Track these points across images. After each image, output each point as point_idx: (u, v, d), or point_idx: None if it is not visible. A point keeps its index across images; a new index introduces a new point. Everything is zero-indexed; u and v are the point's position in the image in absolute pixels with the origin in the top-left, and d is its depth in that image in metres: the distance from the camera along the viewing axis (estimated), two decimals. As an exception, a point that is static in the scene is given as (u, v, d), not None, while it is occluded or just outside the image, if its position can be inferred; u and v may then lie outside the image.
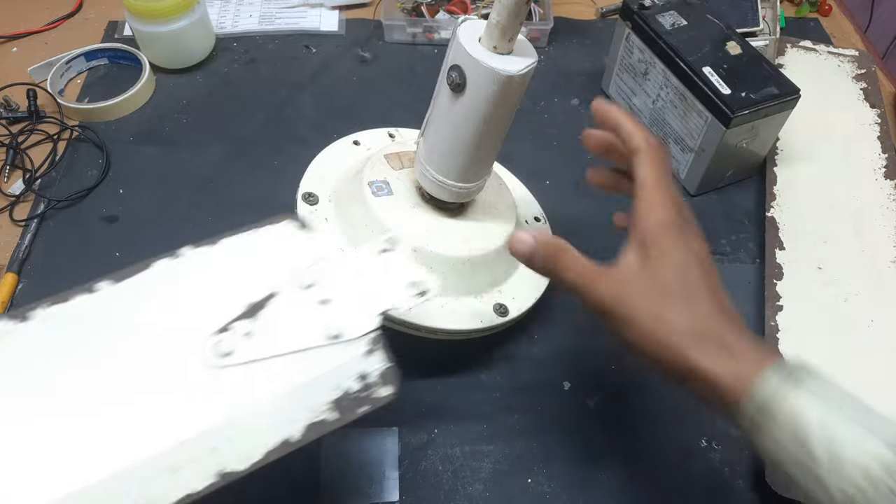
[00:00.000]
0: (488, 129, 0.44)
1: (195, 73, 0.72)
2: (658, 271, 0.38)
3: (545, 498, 0.47)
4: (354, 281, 0.40)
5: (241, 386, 0.35)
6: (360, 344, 0.38)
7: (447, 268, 0.48)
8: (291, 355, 0.36)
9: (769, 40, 0.73)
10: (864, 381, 0.49)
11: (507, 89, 0.41)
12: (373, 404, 0.36)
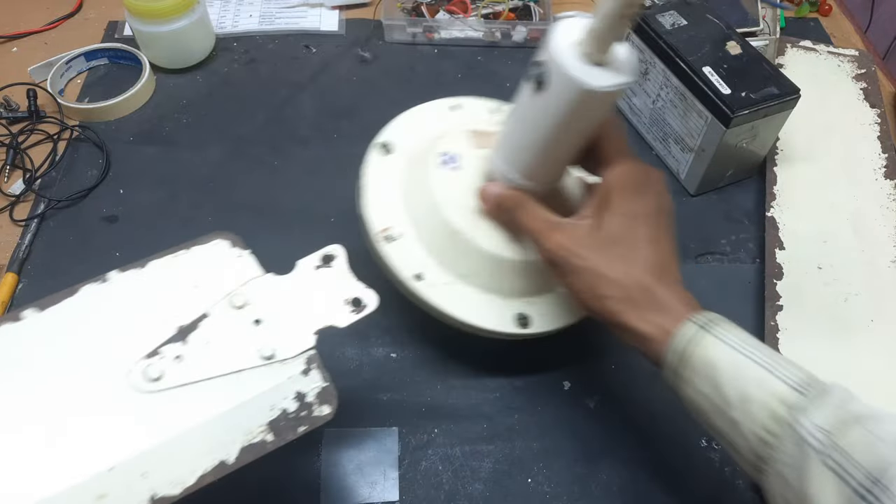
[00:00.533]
0: (560, 134, 0.41)
1: (195, 73, 0.72)
2: (605, 227, 0.40)
3: (545, 498, 0.47)
4: (288, 299, 0.39)
5: (173, 410, 0.35)
6: (295, 363, 0.37)
7: (482, 261, 0.47)
8: (224, 377, 0.36)
9: (769, 40, 0.73)
10: (864, 381, 0.49)
11: (585, 102, 0.38)
12: (311, 424, 0.36)
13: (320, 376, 0.37)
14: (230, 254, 0.40)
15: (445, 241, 0.47)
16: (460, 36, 0.76)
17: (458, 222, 0.46)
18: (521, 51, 0.77)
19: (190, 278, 0.38)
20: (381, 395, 0.50)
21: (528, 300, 0.48)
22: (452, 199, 0.47)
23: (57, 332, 0.36)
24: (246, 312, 0.38)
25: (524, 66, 0.75)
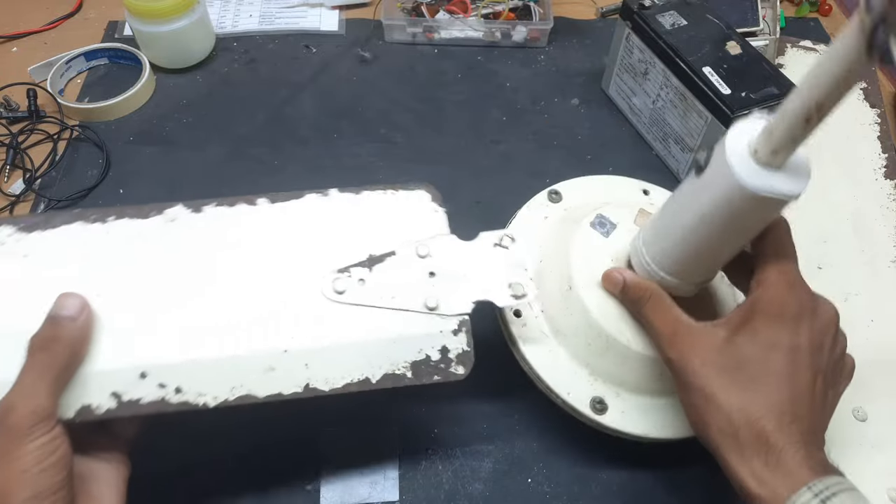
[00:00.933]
0: (706, 230, 0.37)
1: (195, 73, 0.72)
2: (737, 346, 0.35)
3: (545, 498, 0.47)
4: (463, 264, 0.42)
5: (345, 322, 0.40)
6: (450, 321, 0.41)
7: (585, 327, 0.44)
8: (391, 311, 0.40)
9: (769, 40, 0.73)
10: (864, 381, 0.49)
11: (741, 202, 0.34)
12: (445, 377, 0.40)
13: (466, 340, 0.41)
14: (428, 207, 0.45)
15: (558, 292, 0.46)
16: (460, 36, 0.76)
17: (578, 280, 0.45)
18: (521, 51, 0.77)
19: (389, 216, 0.43)
20: (380, 395, 0.50)
21: (617, 389, 0.45)
22: (584, 257, 0.46)
23: (280, 222, 0.43)
24: (426, 263, 0.42)
25: (524, 66, 0.76)
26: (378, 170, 0.64)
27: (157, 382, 0.37)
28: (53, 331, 0.35)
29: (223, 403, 0.37)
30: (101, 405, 0.36)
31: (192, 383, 0.37)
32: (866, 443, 0.47)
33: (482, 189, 0.63)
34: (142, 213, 0.41)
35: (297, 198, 0.44)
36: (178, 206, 0.42)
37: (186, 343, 0.38)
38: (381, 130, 0.68)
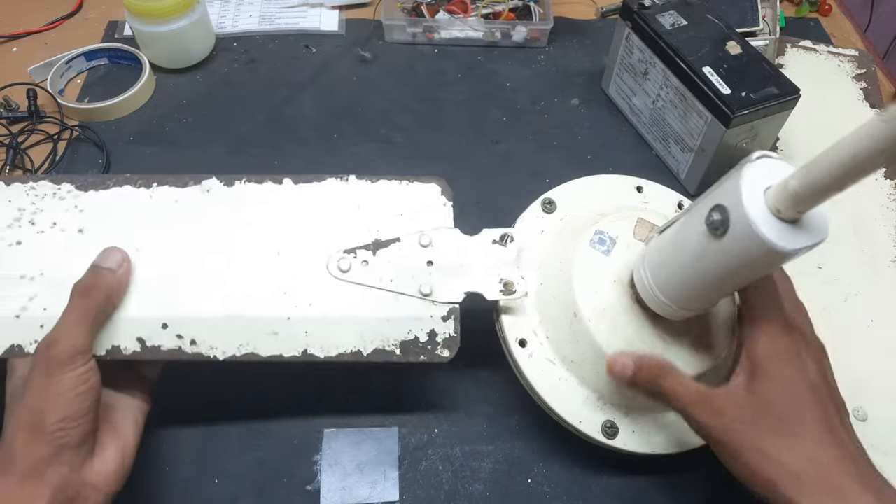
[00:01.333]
0: (727, 278, 0.37)
1: (195, 73, 0.72)
2: (764, 400, 0.35)
3: (545, 498, 0.47)
4: (461, 256, 0.45)
5: (345, 298, 0.43)
6: (441, 308, 0.44)
7: (592, 356, 0.44)
8: (388, 293, 0.44)
9: (769, 40, 0.73)
10: (864, 382, 0.49)
11: (768, 259, 0.33)
12: (430, 358, 0.43)
13: (453, 327, 0.44)
14: (437, 200, 0.47)
15: (563, 318, 0.45)
16: (460, 36, 0.76)
17: (584, 309, 0.44)
18: (521, 51, 0.77)
19: (400, 205, 0.46)
20: (381, 395, 0.50)
21: (626, 409, 0.45)
22: (587, 282, 0.45)
23: (300, 202, 0.46)
24: (426, 252, 0.45)
25: (524, 66, 0.76)
26: (378, 170, 0.64)
27: (176, 333, 0.41)
28: (94, 279, 0.39)
29: (231, 358, 0.42)
30: (127, 347, 0.41)
31: (205, 337, 0.42)
32: (866, 443, 0.47)
33: (482, 189, 0.63)
34: (181, 182, 0.46)
35: (318, 180, 0.47)
36: (213, 178, 0.46)
37: (204, 301, 0.42)
38: (381, 130, 0.68)
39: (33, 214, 0.44)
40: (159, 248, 0.43)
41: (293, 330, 0.42)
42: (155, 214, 0.45)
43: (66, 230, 0.44)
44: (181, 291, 0.42)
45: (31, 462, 0.34)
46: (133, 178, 0.46)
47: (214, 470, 0.46)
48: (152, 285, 0.42)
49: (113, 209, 0.45)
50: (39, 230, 0.44)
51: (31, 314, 0.41)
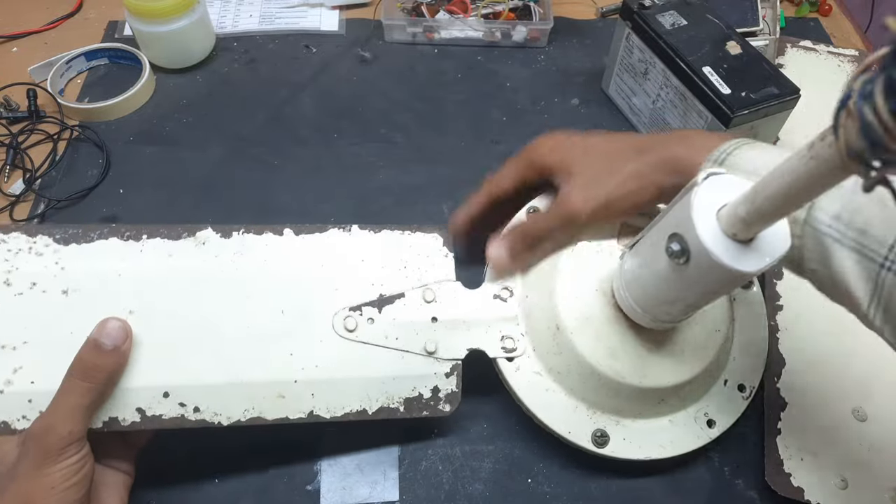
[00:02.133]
0: (700, 297, 0.38)
1: (195, 73, 0.72)
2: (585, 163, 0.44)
3: (545, 498, 0.47)
4: (463, 312, 0.45)
5: (351, 358, 0.43)
6: (445, 365, 0.44)
7: (577, 366, 0.44)
8: (395, 351, 0.43)
9: (769, 40, 0.73)
10: (864, 381, 0.49)
11: (734, 279, 0.34)
12: (432, 413, 0.44)
13: (455, 382, 0.44)
14: (439, 251, 0.47)
15: (547, 330, 0.45)
16: (460, 36, 0.76)
17: (566, 321, 0.44)
18: (521, 51, 0.77)
19: (403, 257, 0.46)
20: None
21: (617, 418, 0.45)
22: (569, 294, 0.45)
23: (301, 255, 0.44)
24: (430, 308, 0.45)
25: (524, 66, 0.76)
26: (378, 170, 0.64)
27: (178, 401, 0.40)
28: (96, 359, 0.37)
29: (236, 423, 0.40)
30: (126, 418, 0.39)
31: (209, 404, 0.40)
32: (866, 443, 0.47)
33: (482, 189, 0.63)
34: (174, 234, 0.43)
35: (320, 231, 0.45)
36: (208, 229, 0.43)
37: (207, 367, 0.40)
38: (381, 130, 0.68)
39: (8, 274, 0.39)
40: (155, 310, 0.40)
41: (299, 392, 0.42)
42: (147, 271, 0.41)
43: (47, 291, 0.39)
44: (182, 357, 0.40)
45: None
46: (120, 230, 0.42)
47: (214, 469, 0.46)
48: (151, 351, 0.39)
49: (100, 265, 0.41)
50: (17, 292, 0.39)
51: (16, 388, 0.37)
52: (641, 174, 0.42)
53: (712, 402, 0.47)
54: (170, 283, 0.41)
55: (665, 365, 0.44)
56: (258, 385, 0.41)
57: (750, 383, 0.48)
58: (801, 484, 0.45)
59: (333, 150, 0.66)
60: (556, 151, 0.45)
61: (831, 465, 0.46)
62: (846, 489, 0.45)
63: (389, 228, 0.46)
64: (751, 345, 0.49)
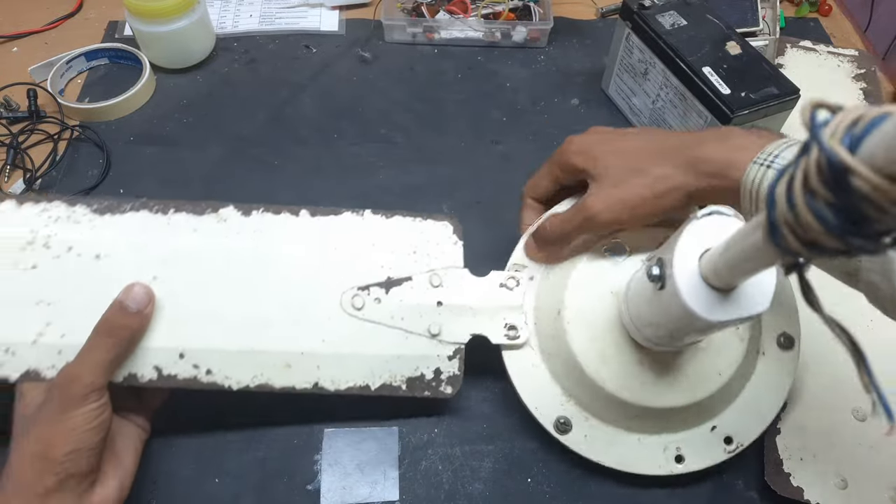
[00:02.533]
0: (675, 327, 0.36)
1: (195, 73, 0.72)
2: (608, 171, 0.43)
3: (545, 498, 0.47)
4: (469, 298, 0.46)
5: (357, 334, 0.44)
6: (448, 347, 0.45)
7: (564, 355, 0.45)
8: (399, 331, 0.45)
9: (769, 40, 0.73)
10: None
11: (696, 323, 0.32)
12: (434, 394, 0.45)
13: (458, 366, 0.46)
14: (449, 238, 0.48)
15: (549, 313, 0.45)
16: (460, 36, 0.76)
17: (567, 310, 0.44)
18: (521, 51, 0.77)
19: (413, 242, 0.47)
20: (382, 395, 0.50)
21: (587, 414, 0.45)
22: (581, 285, 0.45)
23: (316, 234, 0.46)
24: (436, 292, 0.46)
25: (524, 67, 0.76)
26: (378, 170, 0.64)
27: (192, 363, 0.42)
28: (121, 319, 0.40)
29: (244, 388, 0.43)
30: (144, 375, 0.42)
31: (221, 368, 0.43)
32: (866, 443, 0.47)
33: (482, 189, 0.63)
34: (198, 210, 0.46)
35: (335, 214, 0.47)
36: (230, 207, 0.46)
37: (220, 333, 0.43)
38: (382, 130, 0.68)
39: (48, 238, 0.43)
40: (176, 278, 0.43)
41: (306, 364, 0.44)
42: (172, 243, 0.44)
43: (82, 255, 0.43)
44: (198, 322, 0.43)
45: (38, 490, 0.35)
46: (150, 204, 0.45)
47: (215, 469, 0.46)
48: (170, 315, 0.43)
49: (130, 235, 0.44)
50: (55, 255, 0.43)
51: (48, 340, 0.41)
52: (667, 177, 0.41)
53: (690, 441, 0.45)
54: (192, 254, 0.44)
55: (648, 385, 0.43)
56: (267, 354, 0.43)
57: (740, 439, 0.45)
58: (801, 484, 0.45)
59: (333, 150, 0.66)
60: (583, 152, 0.45)
61: (831, 465, 0.46)
62: (846, 489, 0.45)
63: (401, 214, 0.48)
64: (759, 405, 0.46)
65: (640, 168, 0.42)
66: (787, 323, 0.47)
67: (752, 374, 0.46)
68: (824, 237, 0.20)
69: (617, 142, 0.44)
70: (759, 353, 0.46)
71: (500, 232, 0.53)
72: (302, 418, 0.49)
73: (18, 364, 0.40)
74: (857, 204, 0.18)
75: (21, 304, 0.41)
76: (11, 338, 0.41)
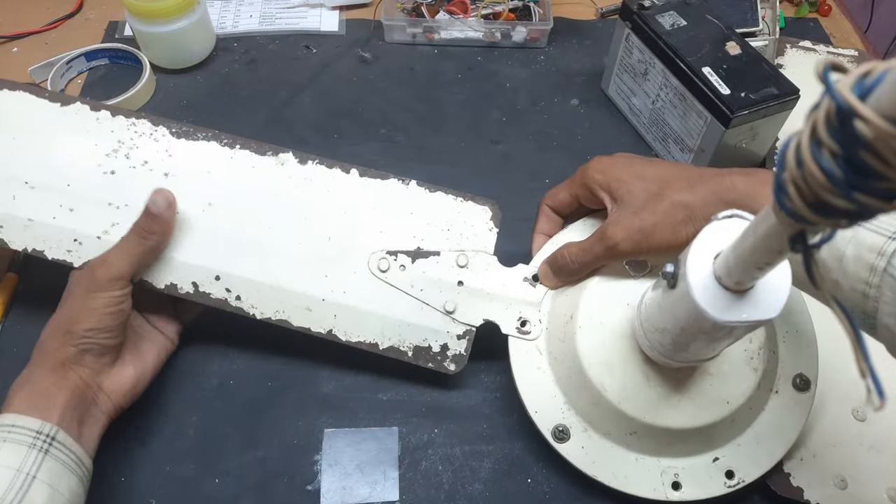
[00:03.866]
0: (674, 332, 0.36)
1: (196, 74, 0.72)
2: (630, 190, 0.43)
3: (545, 498, 0.47)
4: (490, 285, 0.47)
5: (376, 295, 0.47)
6: (459, 327, 0.47)
7: (570, 361, 0.44)
8: (416, 301, 0.47)
9: (769, 40, 0.73)
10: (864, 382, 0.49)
11: (705, 325, 0.32)
12: (437, 367, 0.47)
13: (465, 346, 0.47)
14: (485, 224, 0.49)
15: (563, 317, 0.45)
16: (460, 36, 0.76)
17: (580, 316, 0.44)
18: (521, 51, 0.77)
19: (449, 220, 0.49)
20: (381, 395, 0.50)
21: (586, 425, 0.45)
22: (598, 295, 0.45)
23: (360, 194, 0.49)
24: (460, 272, 0.47)
25: (524, 67, 0.76)
26: (378, 169, 0.64)
27: (226, 286, 0.47)
28: (154, 226, 0.44)
29: (266, 319, 0.47)
30: (182, 287, 0.46)
31: (249, 296, 0.47)
32: (866, 443, 0.47)
33: (482, 189, 0.62)
34: (261, 150, 0.50)
35: (382, 178, 0.50)
36: (290, 153, 0.50)
37: (255, 266, 0.47)
38: (382, 131, 0.68)
39: (129, 150, 0.48)
40: (229, 207, 0.48)
41: (325, 310, 0.47)
42: (232, 175, 0.49)
43: (154, 170, 0.48)
44: (238, 251, 0.47)
45: (60, 359, 0.40)
46: (220, 136, 0.50)
47: (215, 469, 0.46)
48: (214, 239, 0.47)
49: (198, 161, 0.49)
50: (132, 165, 0.48)
51: (111, 237, 0.46)
52: (689, 206, 0.40)
53: (690, 469, 0.44)
54: (246, 188, 0.48)
55: (650, 401, 0.43)
56: (292, 293, 0.47)
57: (743, 475, 0.44)
58: (801, 484, 0.45)
59: (333, 150, 0.66)
60: (606, 174, 0.45)
61: (831, 465, 0.46)
62: (845, 489, 0.45)
63: (444, 191, 0.50)
64: (767, 443, 0.45)
65: (660, 194, 0.42)
66: (805, 365, 0.46)
67: (762, 410, 0.45)
68: (831, 194, 0.20)
69: (641, 167, 0.44)
70: (773, 391, 0.45)
71: (501, 231, 0.53)
72: (302, 418, 0.49)
73: (83, 254, 0.46)
74: (863, 153, 0.18)
75: (95, 203, 0.47)
76: (82, 230, 0.46)
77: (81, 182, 0.47)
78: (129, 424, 0.47)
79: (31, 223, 0.46)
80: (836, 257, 0.33)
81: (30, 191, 0.47)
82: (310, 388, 0.50)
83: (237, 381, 0.50)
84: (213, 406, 0.49)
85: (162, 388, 0.50)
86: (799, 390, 0.45)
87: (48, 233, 0.46)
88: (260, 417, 0.49)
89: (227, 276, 0.47)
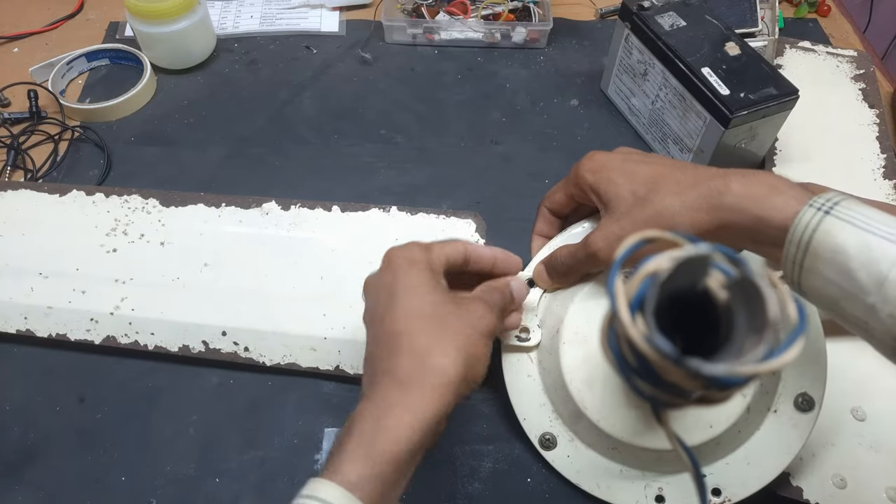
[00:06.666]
0: None
1: (196, 74, 0.72)
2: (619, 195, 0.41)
3: (545, 498, 0.47)
4: None
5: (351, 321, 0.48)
6: None
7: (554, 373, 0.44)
8: None
9: (768, 41, 0.73)
10: (864, 381, 0.50)
11: None
12: None
13: None
14: (470, 236, 0.51)
15: (551, 329, 0.45)
16: (460, 37, 0.76)
17: (565, 330, 0.44)
18: (521, 52, 0.77)
19: (434, 238, 0.47)
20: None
21: (572, 436, 0.45)
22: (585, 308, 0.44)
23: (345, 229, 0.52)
24: None
25: (524, 67, 0.76)
26: (378, 170, 0.64)
27: (233, 340, 0.49)
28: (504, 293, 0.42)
29: (276, 365, 0.49)
30: (194, 347, 0.49)
31: (256, 346, 0.49)
32: (865, 443, 0.47)
33: (482, 189, 0.63)
34: (245, 204, 0.53)
35: (363, 209, 0.53)
36: (272, 202, 0.53)
37: (257, 316, 0.49)
38: (382, 131, 0.68)
39: (126, 226, 0.52)
40: (224, 264, 0.51)
41: (329, 348, 0.49)
42: (222, 232, 0.52)
43: (151, 242, 0.52)
44: (238, 303, 0.49)
45: None
46: (206, 198, 0.54)
47: (215, 469, 0.46)
48: (217, 297, 0.50)
49: (189, 225, 0.52)
50: (130, 241, 0.52)
51: (122, 312, 0.49)
52: (672, 214, 0.38)
53: (675, 484, 0.44)
54: (238, 243, 0.51)
55: (629, 421, 0.42)
56: (295, 336, 0.49)
57: (730, 493, 0.43)
58: (800, 483, 0.45)
59: (334, 150, 0.66)
60: (597, 171, 0.43)
61: (830, 465, 0.46)
62: (844, 488, 0.45)
63: (425, 212, 0.52)
64: (760, 462, 0.43)
65: (646, 199, 0.39)
66: (811, 384, 0.43)
67: (755, 430, 0.43)
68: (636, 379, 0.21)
69: (634, 165, 0.42)
70: (771, 410, 0.43)
71: (500, 232, 0.53)
72: (303, 418, 0.49)
73: (100, 331, 0.49)
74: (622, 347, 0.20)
75: (103, 282, 0.50)
76: (96, 309, 0.49)
77: (88, 264, 0.51)
78: (129, 424, 0.48)
79: (51, 310, 0.49)
80: (877, 281, 0.30)
81: (44, 281, 0.50)
82: (310, 388, 0.50)
83: (237, 381, 0.50)
84: (213, 406, 0.49)
85: (162, 388, 0.50)
86: (801, 411, 0.43)
87: (67, 317, 0.49)
88: (260, 417, 0.49)
89: (232, 330, 0.49)
